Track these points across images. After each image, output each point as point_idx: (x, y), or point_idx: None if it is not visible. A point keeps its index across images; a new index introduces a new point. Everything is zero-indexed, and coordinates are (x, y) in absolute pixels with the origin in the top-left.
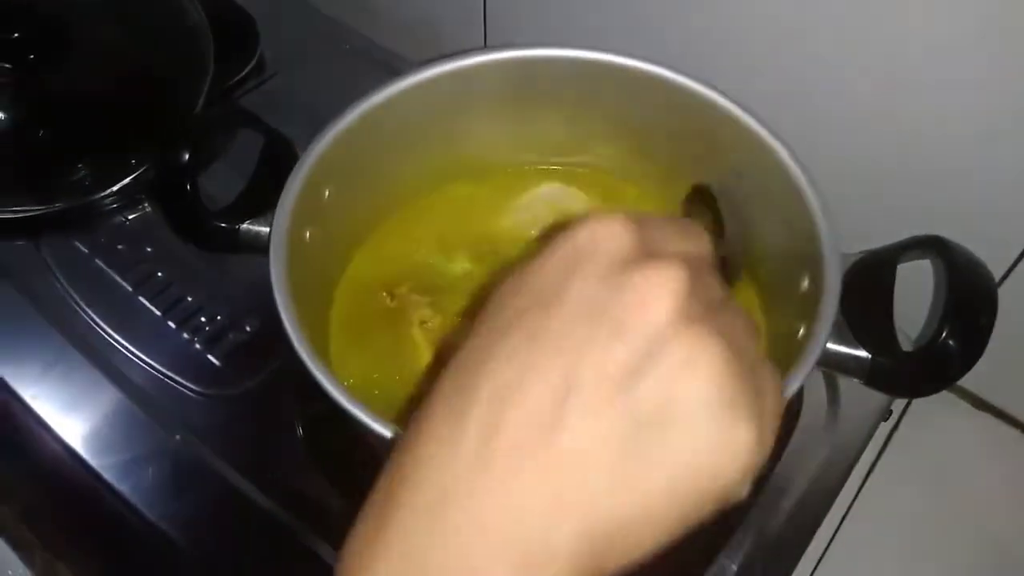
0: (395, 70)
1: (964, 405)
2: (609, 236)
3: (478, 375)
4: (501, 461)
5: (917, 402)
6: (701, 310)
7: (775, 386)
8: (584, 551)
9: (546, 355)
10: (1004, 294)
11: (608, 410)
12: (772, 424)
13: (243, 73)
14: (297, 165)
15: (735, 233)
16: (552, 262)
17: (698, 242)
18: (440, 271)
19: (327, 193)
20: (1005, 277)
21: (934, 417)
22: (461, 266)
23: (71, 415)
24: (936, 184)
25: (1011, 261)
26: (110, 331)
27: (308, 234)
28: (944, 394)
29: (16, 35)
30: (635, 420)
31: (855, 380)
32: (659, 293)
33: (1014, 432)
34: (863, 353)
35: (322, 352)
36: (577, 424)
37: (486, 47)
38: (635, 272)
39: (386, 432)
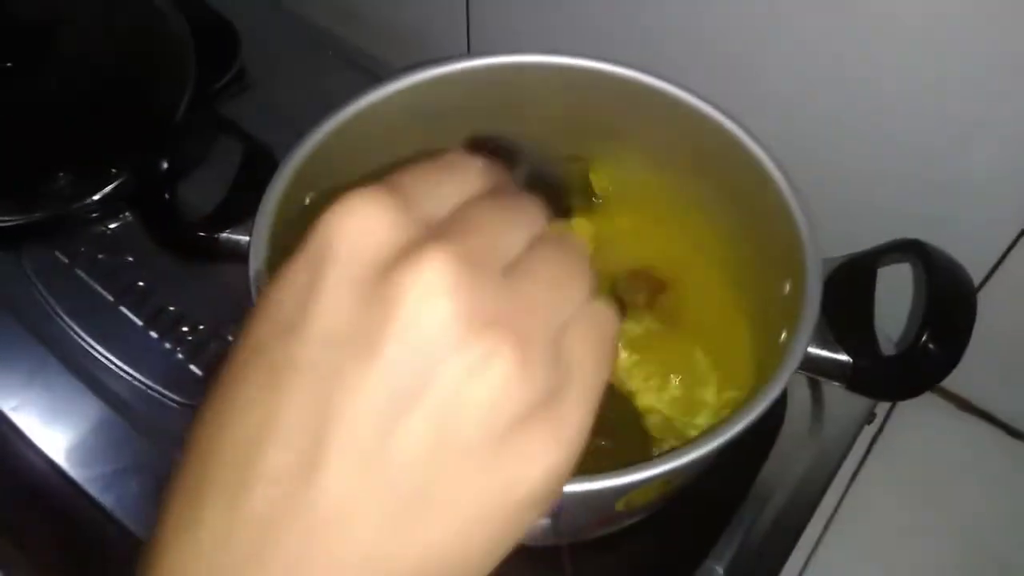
0: (378, 76)
1: (949, 407)
2: (359, 227)
3: (219, 435)
4: (250, 538)
5: (901, 405)
6: (481, 303)
7: (589, 354)
8: None
9: (288, 396)
10: (987, 295)
11: (370, 456)
12: (581, 412)
13: (224, 80)
14: (277, 173)
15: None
16: (295, 271)
17: (478, 178)
18: None
19: (308, 200)
20: (988, 277)
21: (918, 420)
22: None
23: (53, 427)
24: (916, 187)
25: (994, 261)
26: (91, 341)
27: (290, 242)
28: (928, 396)
29: None
30: (406, 462)
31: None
32: (419, 301)
33: (999, 434)
34: (844, 357)
35: None
36: (334, 481)
37: (469, 53)
38: (388, 278)
39: None
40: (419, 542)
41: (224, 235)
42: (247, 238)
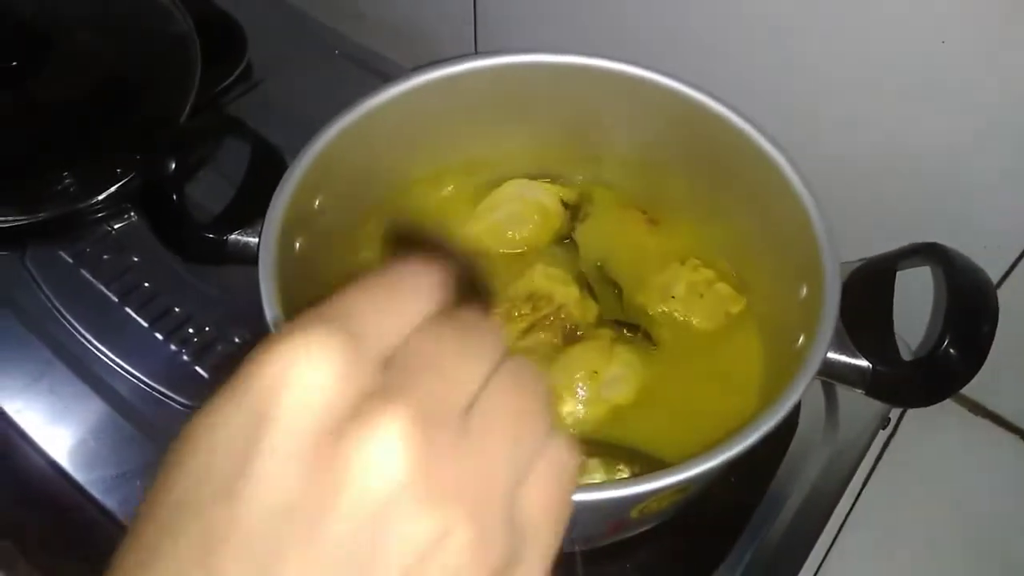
0: (386, 76)
1: (962, 411)
2: (304, 381)
3: None
4: None
5: (914, 409)
6: (436, 471)
7: (547, 513)
8: None
9: (224, 572)
10: (1001, 298)
11: None
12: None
13: (231, 79)
14: (286, 174)
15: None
16: (230, 422)
17: (429, 296)
18: None
19: (317, 202)
20: (1003, 280)
21: (932, 424)
22: None
23: (56, 429)
24: (933, 190)
25: (1008, 264)
26: (96, 343)
27: (298, 243)
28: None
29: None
30: None
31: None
32: (368, 472)
33: (1012, 438)
34: (864, 363)
35: None
36: None
37: (476, 53)
38: (336, 444)
39: None
40: None
41: (232, 237)
42: (256, 240)
